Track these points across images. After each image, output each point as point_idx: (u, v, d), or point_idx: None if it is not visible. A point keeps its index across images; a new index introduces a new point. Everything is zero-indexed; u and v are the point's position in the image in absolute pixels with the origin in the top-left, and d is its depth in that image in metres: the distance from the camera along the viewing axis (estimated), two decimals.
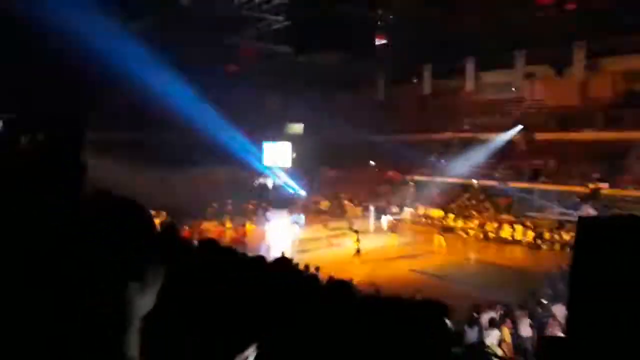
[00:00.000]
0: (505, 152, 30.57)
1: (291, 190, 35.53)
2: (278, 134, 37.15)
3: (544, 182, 27.41)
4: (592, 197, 24.41)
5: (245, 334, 2.32)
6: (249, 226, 23.75)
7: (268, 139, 36.30)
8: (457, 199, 30.05)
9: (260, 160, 36.01)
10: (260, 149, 35.99)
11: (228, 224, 24.24)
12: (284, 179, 36.03)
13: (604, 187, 24.47)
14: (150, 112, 25.28)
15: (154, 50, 22.20)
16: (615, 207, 22.35)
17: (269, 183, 36.35)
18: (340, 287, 3.50)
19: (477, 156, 30.80)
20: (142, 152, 24.66)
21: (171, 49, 23.45)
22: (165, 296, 1.00)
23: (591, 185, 24.82)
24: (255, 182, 35.99)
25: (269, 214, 27.84)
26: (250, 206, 29.21)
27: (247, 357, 1.90)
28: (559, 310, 11.60)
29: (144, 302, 0.93)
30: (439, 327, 3.69)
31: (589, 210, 23.03)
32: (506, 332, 10.26)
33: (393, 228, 25.69)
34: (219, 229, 22.40)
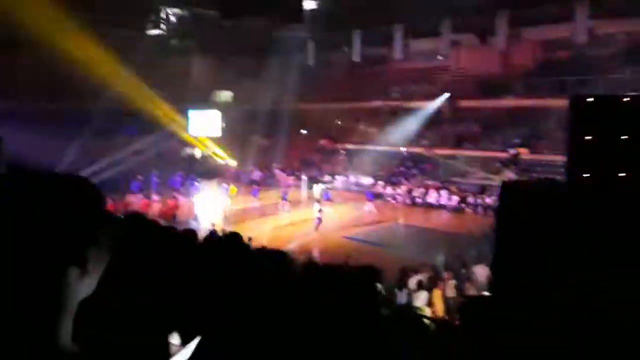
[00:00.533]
0: (432, 120, 31.42)
1: (221, 160, 34.81)
2: (206, 102, 36.03)
3: (467, 148, 28.54)
4: (513, 162, 25.71)
5: (184, 311, 2.18)
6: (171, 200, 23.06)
7: (195, 107, 35.11)
8: (386, 166, 30.69)
9: (186, 129, 34.85)
10: (186, 117, 34.80)
11: (154, 197, 23.43)
12: (213, 149, 35.17)
13: (524, 152, 25.83)
14: (68, 79, 23.68)
15: (71, 13, 20.69)
16: (534, 171, 23.65)
17: (197, 153, 35.39)
18: (275, 256, 3.41)
19: (405, 124, 31.46)
20: (62, 123, 23.13)
21: (91, 12, 21.93)
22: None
23: (512, 151, 26.12)
24: (182, 152, 34.91)
25: (197, 185, 27.12)
26: (177, 176, 28.30)
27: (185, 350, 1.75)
28: (480, 272, 12.24)
29: (83, 288, 0.85)
30: (369, 290, 3.67)
31: (510, 175, 24.28)
32: (437, 294, 10.63)
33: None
34: (144, 202, 21.57)
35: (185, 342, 1.90)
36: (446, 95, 31.30)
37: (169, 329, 1.92)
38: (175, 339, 2.01)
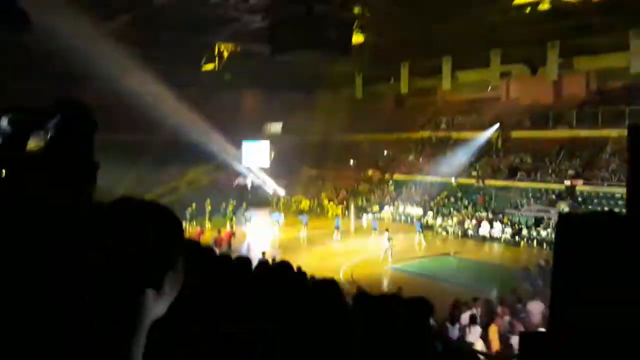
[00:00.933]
0: (482, 151, 30.92)
1: (270, 190, 35.38)
2: (257, 134, 36.97)
3: (520, 180, 27.83)
4: (568, 193, 24.84)
5: (238, 336, 2.26)
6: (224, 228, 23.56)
7: (247, 138, 36.07)
8: (436, 197, 30.29)
9: (239, 160, 35.77)
10: (239, 148, 35.76)
11: (207, 225, 24.02)
12: (262, 179, 35.85)
13: (579, 183, 24.94)
14: (126, 111, 24.92)
15: (128, 49, 21.92)
16: (590, 203, 22.79)
17: (248, 183, 36.13)
18: (325, 286, 3.46)
19: (455, 155, 31.11)
20: (120, 153, 24.28)
21: (147, 47, 23.16)
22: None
23: (567, 182, 25.28)
24: (234, 182, 35.74)
25: (248, 214, 27.62)
26: (230, 207, 28.94)
27: None
28: (535, 307, 11.78)
29: (157, 309, 0.89)
30: (422, 324, 3.67)
31: (565, 207, 23.46)
32: (493, 330, 10.31)
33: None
34: (197, 231, 22.12)
35: None
36: (495, 125, 30.82)
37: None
38: None
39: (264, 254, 17.88)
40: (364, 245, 22.34)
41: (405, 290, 10.67)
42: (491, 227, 24.90)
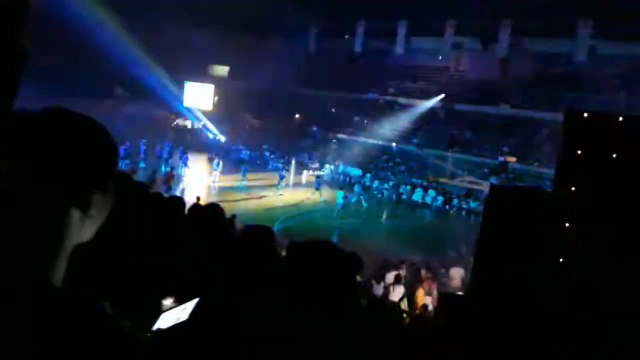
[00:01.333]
0: (425, 119, 31.46)
1: (211, 135, 34.58)
2: (202, 76, 35.69)
3: (457, 151, 28.67)
4: (501, 169, 25.90)
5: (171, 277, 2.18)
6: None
7: (191, 79, 34.76)
8: (376, 160, 30.72)
9: (180, 100, 34.53)
10: (181, 88, 34.47)
11: (141, 165, 23.23)
12: (204, 123, 34.93)
13: (513, 160, 26.02)
14: (66, 37, 23.29)
15: None
16: (521, 181, 23.86)
17: (188, 125, 35.13)
18: (259, 231, 3.40)
19: (399, 120, 31.50)
20: (58, 80, 22.78)
21: None
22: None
23: (501, 158, 26.30)
24: (173, 122, 34.63)
25: (186, 158, 26.92)
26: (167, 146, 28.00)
27: (184, 309, 1.75)
28: (456, 272, 12.48)
29: (83, 233, 0.83)
30: (351, 277, 3.69)
31: (496, 181, 24.47)
32: (421, 293, 10.69)
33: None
34: (130, 169, 21.34)
35: (176, 302, 1.90)
36: (441, 95, 31.34)
37: (155, 290, 1.92)
38: (167, 300, 2.01)
39: (198, 198, 17.60)
40: (302, 201, 22.44)
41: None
42: (425, 194, 25.65)
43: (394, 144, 30.87)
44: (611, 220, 5.93)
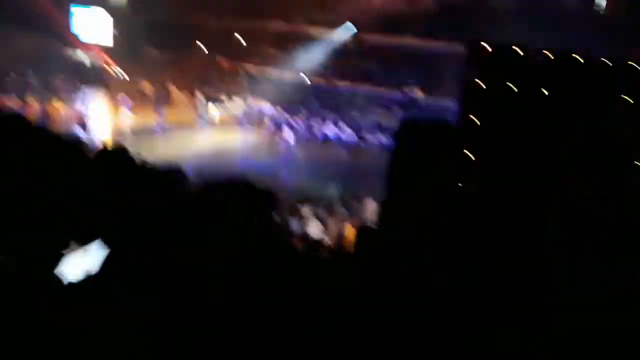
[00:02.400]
0: (335, 52, 31.24)
1: (112, 71, 32.16)
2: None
3: (367, 84, 28.99)
4: (409, 101, 26.66)
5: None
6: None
7: (79, 3, 31.44)
8: (287, 94, 30.32)
9: (70, 27, 31.30)
10: (68, 16, 31.19)
11: (31, 100, 21.26)
12: (101, 56, 32.30)
13: (419, 92, 26.81)
14: None
15: None
16: (427, 112, 24.71)
17: (87, 61, 32.36)
18: (171, 170, 3.28)
19: (308, 52, 31.02)
20: None
21: None
22: None
23: (407, 90, 27.01)
24: (66, 55, 31.70)
25: (83, 93, 24.96)
26: (60, 81, 25.75)
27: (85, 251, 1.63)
28: (368, 205, 12.98)
29: None
30: (267, 213, 3.69)
31: (403, 115, 25.23)
32: (350, 229, 10.95)
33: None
34: (18, 105, 19.46)
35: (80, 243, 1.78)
36: (350, 25, 31.01)
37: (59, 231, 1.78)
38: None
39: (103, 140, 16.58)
40: (211, 138, 21.85)
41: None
42: (336, 128, 25.94)
43: (304, 77, 30.57)
44: (509, 149, 6.35)
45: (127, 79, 31.52)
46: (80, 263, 1.71)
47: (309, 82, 30.58)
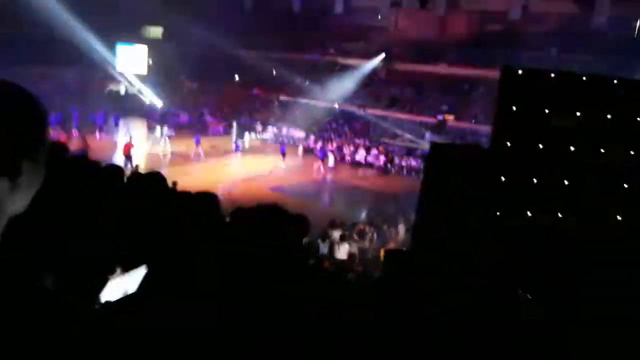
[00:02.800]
0: (366, 80, 31.55)
1: (146, 100, 33.26)
2: (134, 36, 33.99)
3: (398, 111, 29.08)
4: (439, 127, 26.56)
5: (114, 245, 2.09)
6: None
7: (122, 40, 33.02)
8: (319, 122, 30.68)
9: (113, 64, 32.88)
10: (113, 52, 32.75)
11: (75, 132, 22.14)
12: (138, 87, 33.49)
13: (450, 118, 26.71)
14: None
15: None
16: (457, 138, 24.58)
17: (122, 90, 33.58)
18: (203, 198, 3.32)
19: (340, 81, 31.41)
20: None
21: None
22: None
23: (439, 117, 26.94)
24: (106, 88, 33.01)
25: (121, 124, 25.83)
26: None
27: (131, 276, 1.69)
28: (401, 229, 12.86)
29: (15, 203, 0.79)
30: (299, 239, 3.71)
31: (435, 140, 25.11)
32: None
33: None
34: (63, 137, 20.26)
35: (123, 269, 1.84)
36: (382, 55, 31.43)
37: (98, 259, 1.84)
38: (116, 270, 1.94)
39: (137, 167, 17.06)
40: (245, 165, 22.17)
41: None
42: (367, 154, 25.99)
43: (336, 105, 30.88)
44: (545, 172, 6.24)
45: (161, 107, 32.47)
46: (122, 285, 1.76)
47: (338, 110, 30.86)
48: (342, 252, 10.98)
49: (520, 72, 7.41)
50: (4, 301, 0.71)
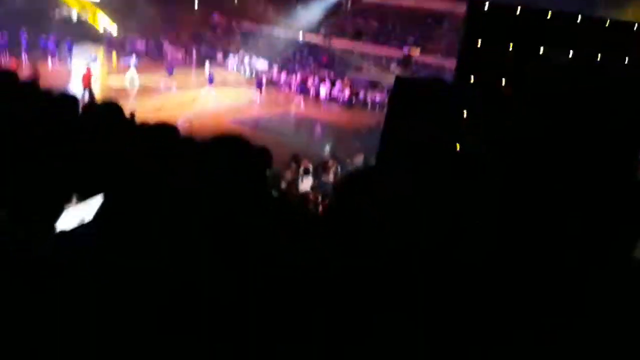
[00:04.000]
0: (332, 10, 30.64)
1: (101, 26, 31.46)
2: None
3: (364, 43, 28.55)
4: (405, 62, 26.32)
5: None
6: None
7: None
8: (283, 52, 29.89)
9: None
10: None
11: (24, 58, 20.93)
12: (92, 11, 31.54)
13: (416, 52, 26.45)
14: None
15: None
16: (422, 72, 24.48)
17: (74, 14, 31.57)
18: (163, 128, 3.22)
19: (305, 10, 30.41)
20: None
21: None
22: None
23: (405, 50, 26.62)
24: (56, 11, 30.93)
25: (71, 49, 24.36)
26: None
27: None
28: (359, 160, 13.09)
29: None
30: (262, 171, 3.69)
31: (400, 74, 24.95)
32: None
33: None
34: (13, 63, 19.11)
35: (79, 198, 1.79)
36: None
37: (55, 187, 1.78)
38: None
39: (92, 97, 16.37)
40: (203, 96, 21.55)
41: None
42: (332, 87, 25.67)
43: (300, 35, 30.05)
44: (507, 108, 6.31)
45: (118, 34, 30.86)
46: (78, 214, 1.71)
47: (303, 41, 30.08)
48: (306, 184, 11.07)
49: (486, 5, 7.31)
50: None
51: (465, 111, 6.35)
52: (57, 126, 3.05)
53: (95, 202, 1.55)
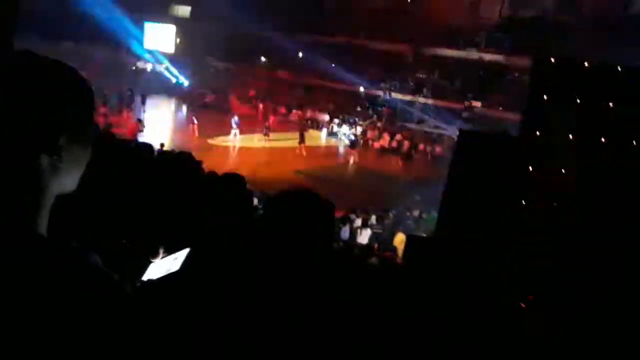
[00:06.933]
0: (393, 64, 31.16)
1: (173, 78, 33.46)
2: (162, 15, 34.11)
3: (425, 96, 28.70)
4: (466, 113, 26.17)
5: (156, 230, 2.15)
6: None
7: (150, 19, 33.15)
8: (344, 105, 30.48)
9: (140, 42, 33.09)
10: (141, 30, 32.93)
11: (102, 110, 22.42)
12: (165, 65, 33.69)
13: (478, 105, 26.26)
14: None
15: None
16: (485, 124, 24.17)
17: (148, 68, 33.81)
18: (230, 178, 3.33)
19: (367, 64, 31.06)
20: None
21: None
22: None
23: (466, 103, 26.51)
24: (133, 66, 33.28)
25: (145, 102, 25.93)
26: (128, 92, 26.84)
27: (175, 258, 1.73)
28: (416, 212, 12.91)
29: (60, 181, 0.79)
30: (326, 222, 3.73)
31: (462, 126, 24.74)
32: (400, 238, 10.71)
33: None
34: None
35: (166, 253, 1.89)
36: (410, 40, 31.00)
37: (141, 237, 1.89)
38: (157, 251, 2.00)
39: (162, 145, 17.20)
40: (268, 148, 22.17)
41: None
42: (391, 139, 25.78)
43: (362, 89, 30.63)
44: (575, 163, 6.12)
45: (188, 86, 32.59)
46: (165, 266, 1.80)
47: (364, 94, 30.59)
48: (364, 236, 11.02)
49: (552, 60, 7.26)
50: (60, 278, 0.73)
51: (530, 167, 6.22)
52: (137, 177, 3.24)
53: (181, 255, 1.64)
